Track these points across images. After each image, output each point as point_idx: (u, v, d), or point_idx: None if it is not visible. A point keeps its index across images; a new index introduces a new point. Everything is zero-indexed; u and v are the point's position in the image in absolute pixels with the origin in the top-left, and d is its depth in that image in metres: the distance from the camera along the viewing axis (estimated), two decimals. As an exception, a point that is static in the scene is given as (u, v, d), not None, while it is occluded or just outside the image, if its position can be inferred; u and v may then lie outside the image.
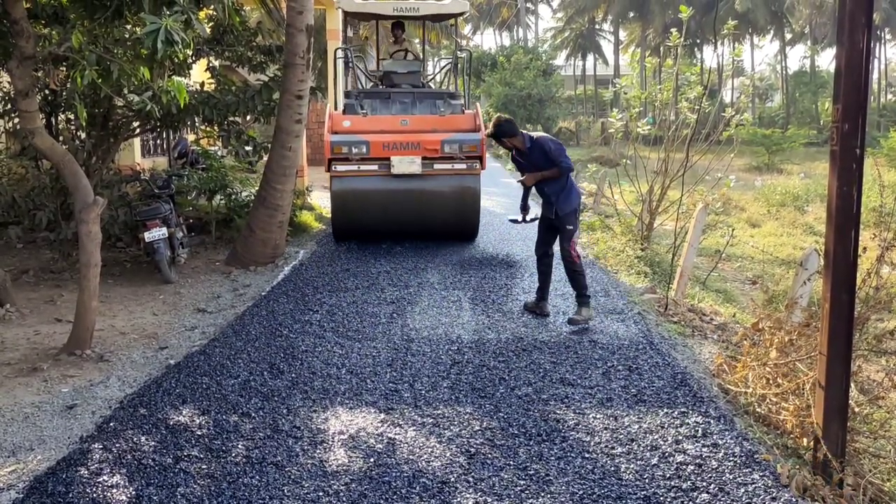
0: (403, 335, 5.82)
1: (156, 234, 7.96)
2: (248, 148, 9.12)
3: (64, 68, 6.44)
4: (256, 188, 10.92)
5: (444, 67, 12.26)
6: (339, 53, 10.77)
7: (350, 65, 10.57)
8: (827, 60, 65.25)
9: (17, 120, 8.59)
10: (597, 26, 62.14)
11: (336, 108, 10.27)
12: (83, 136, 9.35)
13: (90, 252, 5.69)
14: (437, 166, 8.98)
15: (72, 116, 9.08)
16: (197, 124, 8.52)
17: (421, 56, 12.01)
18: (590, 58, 64.69)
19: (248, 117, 9.10)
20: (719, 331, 6.40)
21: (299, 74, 8.17)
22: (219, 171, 10.50)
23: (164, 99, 5.99)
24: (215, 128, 9.13)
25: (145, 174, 9.52)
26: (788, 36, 58.95)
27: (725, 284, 9.72)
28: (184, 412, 4.39)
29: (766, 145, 29.06)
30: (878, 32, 49.56)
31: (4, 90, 7.96)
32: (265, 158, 9.33)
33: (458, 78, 11.13)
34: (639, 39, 59.75)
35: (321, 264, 8.50)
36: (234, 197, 10.54)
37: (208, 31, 6.20)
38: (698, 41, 61.02)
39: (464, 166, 9.00)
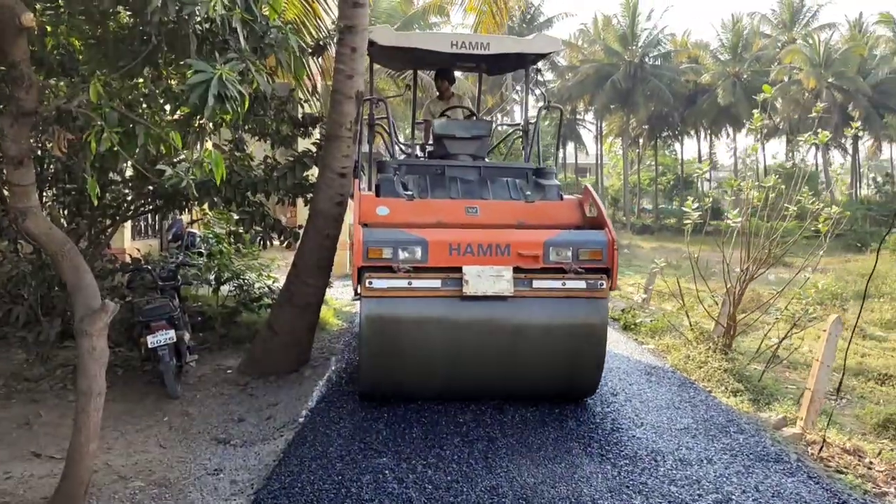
0: (517, 496, 4.29)
1: (161, 338, 6.44)
2: (272, 234, 7.64)
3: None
4: (264, 277, 9.51)
5: (513, 130, 8.68)
6: (366, 113, 7.30)
7: (388, 126, 7.54)
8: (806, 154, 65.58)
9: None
10: (578, 116, 62.53)
11: (366, 187, 7.24)
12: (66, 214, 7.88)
13: (93, 375, 4.19)
14: (537, 284, 5.77)
15: (54, 192, 7.64)
16: (217, 204, 7.08)
17: (482, 115, 8.97)
18: (570, 146, 64.99)
19: (273, 197, 7.68)
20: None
21: (344, 149, 6.85)
22: (227, 258, 9.04)
23: (196, 173, 4.57)
24: (232, 209, 7.69)
25: (145, 262, 8.02)
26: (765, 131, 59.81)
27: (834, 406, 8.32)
28: None
29: (768, 237, 28.25)
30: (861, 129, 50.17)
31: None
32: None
33: (534, 146, 7.75)
34: (618, 129, 60.19)
35: (361, 377, 6.96)
36: (245, 288, 9.05)
37: (271, 87, 4.92)
38: (677, 132, 61.84)
39: (582, 285, 5.79)
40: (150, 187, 7.73)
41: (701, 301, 9.43)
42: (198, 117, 4.25)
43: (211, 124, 4.63)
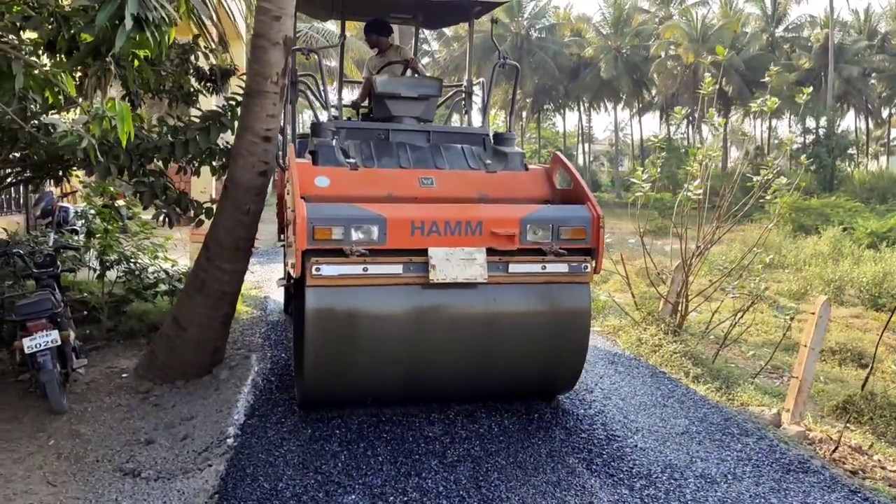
0: (534, 541, 3.42)
1: (41, 340, 5.14)
2: (177, 210, 6.33)
3: None
4: (160, 259, 8.16)
5: (454, 92, 7.56)
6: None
7: (317, 83, 6.41)
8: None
9: None
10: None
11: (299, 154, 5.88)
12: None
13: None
14: (514, 268, 4.96)
15: None
16: (112, 173, 5.73)
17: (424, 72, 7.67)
18: (454, 118, 64.41)
19: (179, 164, 6.41)
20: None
21: (269, 107, 5.65)
22: (113, 236, 7.64)
23: (95, 131, 3.35)
24: (124, 178, 6.34)
25: (16, 244, 6.56)
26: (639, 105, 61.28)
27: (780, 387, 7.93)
28: None
29: (659, 209, 28.66)
30: (733, 105, 52.16)
31: None
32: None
33: (485, 110, 6.73)
34: (502, 102, 60.05)
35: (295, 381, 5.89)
36: (137, 273, 7.69)
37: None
38: (559, 105, 62.53)
39: (564, 269, 5.01)
40: (17, 154, 6.28)
41: (651, 279, 8.84)
42: (102, 53, 3.03)
43: (114, 66, 3.38)
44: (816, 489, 4.10)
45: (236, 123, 6.03)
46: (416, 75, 7.16)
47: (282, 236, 7.11)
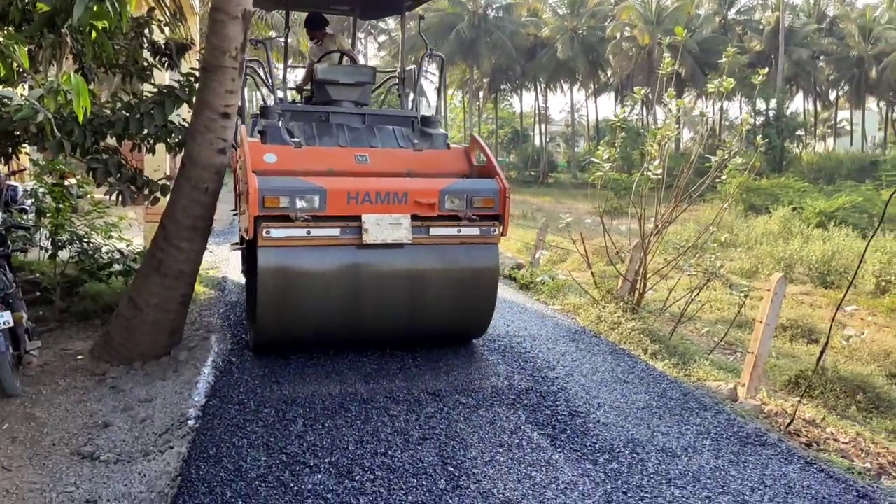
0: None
1: (-8, 322, 4.98)
2: (132, 188, 6.18)
3: None
4: (114, 239, 7.96)
5: (388, 77, 8.34)
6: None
7: (264, 69, 6.95)
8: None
9: None
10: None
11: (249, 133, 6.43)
12: None
13: None
14: (434, 232, 5.78)
15: None
16: (66, 150, 5.54)
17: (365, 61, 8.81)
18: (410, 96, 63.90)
19: (133, 142, 6.25)
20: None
21: (228, 83, 5.53)
22: (65, 216, 7.44)
23: (50, 105, 3.24)
24: (77, 156, 6.15)
25: (-39, 223, 6.35)
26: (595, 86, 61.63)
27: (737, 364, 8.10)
28: None
29: (615, 189, 28.98)
30: (685, 87, 52.74)
31: None
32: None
33: (413, 95, 7.40)
34: (459, 82, 59.95)
35: (259, 360, 5.83)
36: (91, 253, 7.50)
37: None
38: (516, 85, 62.64)
39: (476, 232, 5.85)
40: (38, 122, 6.08)
41: (610, 258, 8.94)
42: (58, 24, 2.92)
43: (70, 38, 3.26)
44: (774, 461, 4.21)
45: (194, 99, 5.90)
46: (353, 63, 7.83)
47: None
